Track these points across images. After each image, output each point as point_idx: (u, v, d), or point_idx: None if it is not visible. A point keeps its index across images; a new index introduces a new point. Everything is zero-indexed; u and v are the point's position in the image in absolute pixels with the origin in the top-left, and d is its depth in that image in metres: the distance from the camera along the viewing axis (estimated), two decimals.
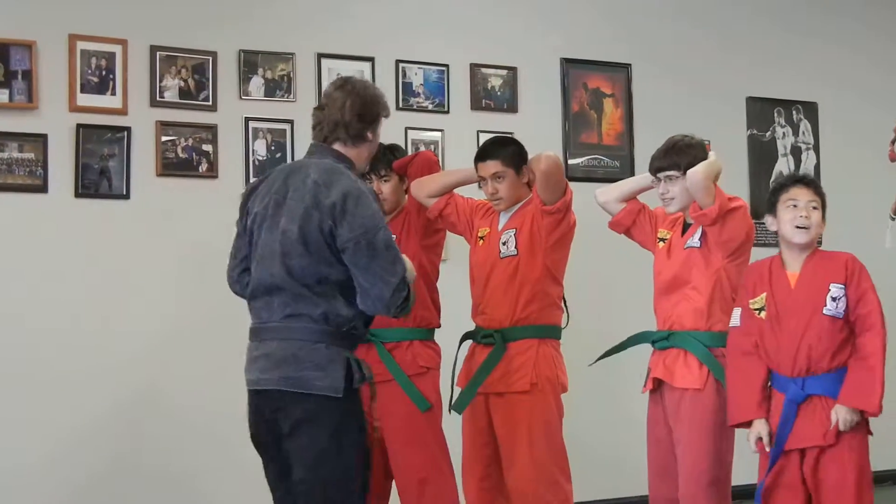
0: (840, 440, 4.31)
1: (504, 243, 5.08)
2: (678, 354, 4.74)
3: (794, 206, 4.49)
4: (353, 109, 4.17)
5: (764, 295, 4.49)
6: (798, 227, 4.47)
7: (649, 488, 4.93)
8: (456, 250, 5.92)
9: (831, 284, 4.38)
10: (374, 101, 4.25)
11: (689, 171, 4.63)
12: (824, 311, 4.36)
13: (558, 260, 5.11)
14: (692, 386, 4.67)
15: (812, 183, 4.60)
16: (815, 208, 4.49)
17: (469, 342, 5.28)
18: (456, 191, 5.38)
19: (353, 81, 4.29)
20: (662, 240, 4.95)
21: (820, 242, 4.66)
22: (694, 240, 4.78)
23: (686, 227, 4.87)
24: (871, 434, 4.42)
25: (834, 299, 4.36)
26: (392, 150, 5.52)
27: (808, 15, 8.24)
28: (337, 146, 4.21)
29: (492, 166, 5.12)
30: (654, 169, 4.88)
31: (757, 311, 4.49)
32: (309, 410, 4.01)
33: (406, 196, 5.45)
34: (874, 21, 8.47)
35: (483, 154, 5.19)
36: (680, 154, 4.78)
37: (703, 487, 4.62)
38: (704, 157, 4.71)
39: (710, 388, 4.66)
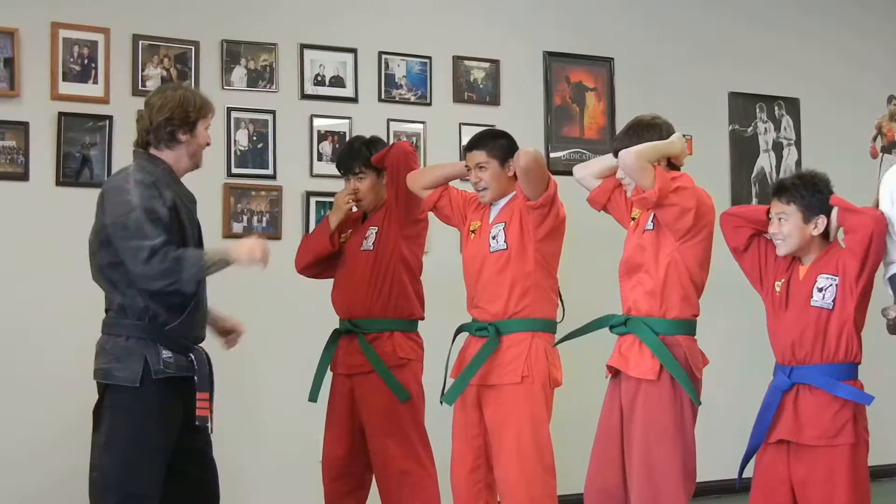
0: (827, 447, 4.27)
1: (494, 237, 5.08)
2: (633, 341, 4.62)
3: (771, 220, 4.46)
4: (161, 114, 4.37)
5: (783, 281, 4.46)
6: (775, 242, 4.45)
7: (587, 478, 4.77)
8: (437, 243, 5.94)
9: (819, 276, 4.36)
10: (183, 103, 4.40)
11: (620, 153, 4.53)
12: (811, 303, 4.34)
13: (550, 253, 5.10)
14: (646, 376, 4.55)
15: (783, 191, 4.45)
16: (781, 219, 4.41)
17: (464, 334, 5.28)
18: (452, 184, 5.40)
19: (166, 86, 4.66)
20: (634, 219, 4.81)
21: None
22: (649, 223, 4.66)
23: None
24: (867, 437, 4.35)
25: (820, 290, 4.33)
26: (368, 146, 5.52)
27: (791, 11, 8.26)
28: (152, 150, 4.43)
29: (476, 156, 5.13)
30: (613, 150, 4.75)
31: (778, 293, 4.49)
32: (109, 399, 4.30)
33: (385, 190, 5.47)
34: (856, 19, 8.50)
35: (470, 144, 5.22)
36: (638, 136, 4.64)
37: (663, 484, 4.51)
38: (662, 138, 4.63)
39: (666, 378, 4.53)
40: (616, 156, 4.71)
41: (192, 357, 4.36)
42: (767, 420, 4.38)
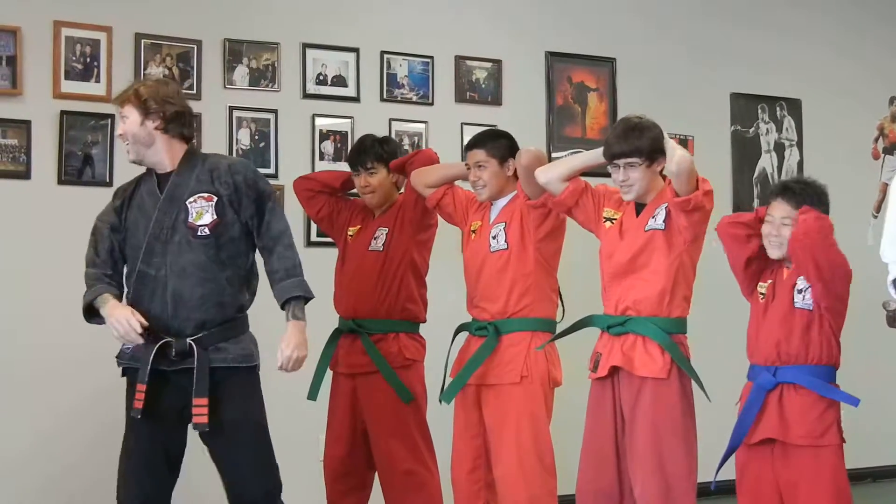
0: (813, 447, 4.27)
1: (494, 237, 5.10)
2: (636, 340, 4.60)
3: (770, 221, 4.43)
4: None
5: (769, 283, 4.47)
6: (771, 244, 4.44)
7: (579, 479, 4.77)
8: (438, 243, 5.93)
9: (799, 278, 4.37)
10: None
11: (678, 159, 4.46)
12: (794, 304, 4.35)
13: (550, 253, 5.11)
14: (656, 375, 4.54)
15: (791, 195, 4.43)
16: (785, 224, 4.39)
17: (464, 334, 5.29)
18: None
19: None
20: (610, 220, 4.80)
21: None
22: (657, 222, 4.63)
23: (640, 206, 4.74)
24: (845, 441, 4.36)
25: (800, 291, 4.35)
26: (381, 143, 5.53)
27: (792, 12, 8.25)
28: None
29: (476, 155, 5.17)
30: (612, 155, 4.67)
31: (761, 296, 4.48)
32: None
33: (400, 190, 5.49)
34: (859, 20, 8.49)
35: (471, 143, 5.26)
36: (641, 138, 4.61)
37: (675, 481, 4.52)
38: (661, 139, 4.62)
39: (674, 376, 4.55)
40: (612, 159, 4.68)
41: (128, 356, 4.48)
42: (750, 420, 4.38)
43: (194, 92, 6.27)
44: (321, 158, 6.58)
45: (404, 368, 5.34)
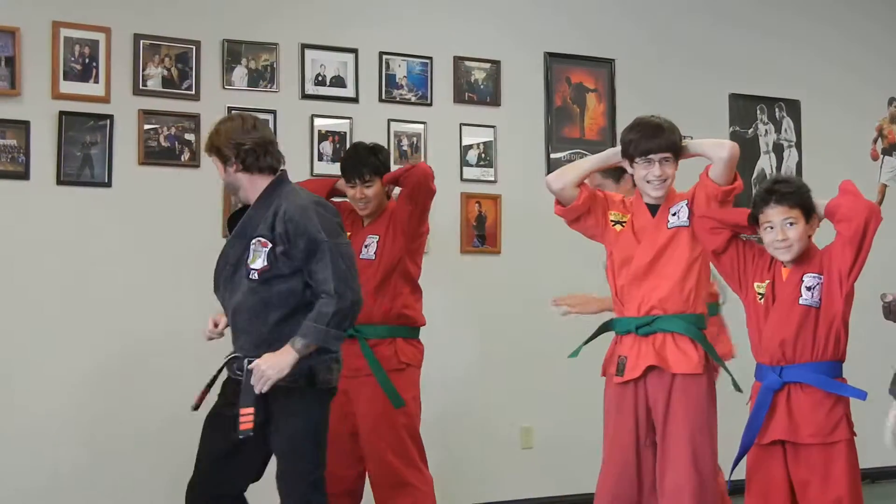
0: (824, 445, 4.26)
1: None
2: (665, 339, 4.59)
3: (771, 228, 4.36)
4: None
5: (767, 283, 4.45)
6: (778, 249, 4.37)
7: (599, 483, 4.71)
8: (438, 243, 5.95)
9: (805, 275, 4.35)
10: None
11: (729, 145, 4.58)
12: (800, 301, 4.33)
13: None
14: (692, 371, 4.53)
15: (784, 198, 4.36)
16: (791, 224, 4.34)
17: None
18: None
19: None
20: (619, 223, 4.76)
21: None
22: (681, 219, 4.63)
23: (652, 208, 4.71)
24: (856, 434, 4.34)
25: (808, 288, 4.32)
26: (376, 154, 5.51)
27: (791, 14, 8.26)
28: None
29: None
30: (645, 150, 4.63)
31: (759, 297, 4.46)
32: None
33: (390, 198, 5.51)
34: (857, 22, 8.50)
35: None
36: (673, 133, 4.67)
37: (707, 476, 4.53)
38: (681, 136, 4.70)
39: (705, 371, 4.59)
40: (644, 156, 4.65)
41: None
42: (760, 420, 4.38)
43: (193, 93, 6.28)
44: (320, 159, 6.58)
45: (398, 372, 5.35)
